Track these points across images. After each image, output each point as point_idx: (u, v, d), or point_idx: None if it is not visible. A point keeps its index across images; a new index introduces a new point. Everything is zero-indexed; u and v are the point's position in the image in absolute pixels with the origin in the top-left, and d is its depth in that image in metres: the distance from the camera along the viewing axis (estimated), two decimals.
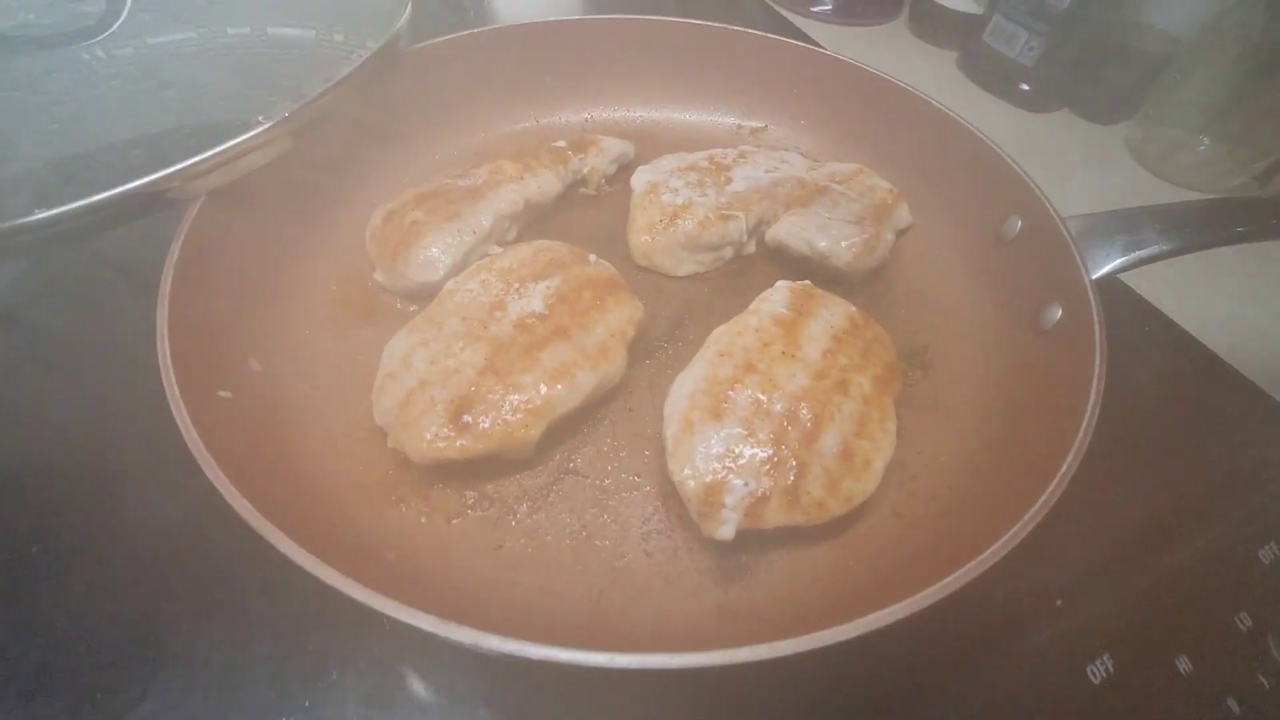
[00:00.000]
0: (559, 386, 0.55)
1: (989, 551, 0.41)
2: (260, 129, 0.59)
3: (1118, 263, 0.59)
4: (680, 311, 0.72)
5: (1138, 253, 0.59)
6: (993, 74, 1.25)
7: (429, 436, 0.52)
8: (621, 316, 0.62)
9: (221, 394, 0.52)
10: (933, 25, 1.36)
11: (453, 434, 0.52)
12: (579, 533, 0.54)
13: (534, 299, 0.61)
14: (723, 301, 0.73)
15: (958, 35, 1.32)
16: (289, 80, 0.69)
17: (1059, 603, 0.57)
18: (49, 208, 0.54)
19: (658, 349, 0.67)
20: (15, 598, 0.53)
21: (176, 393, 0.46)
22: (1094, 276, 0.57)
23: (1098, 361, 0.51)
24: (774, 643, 0.36)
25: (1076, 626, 0.55)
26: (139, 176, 0.55)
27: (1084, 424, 0.47)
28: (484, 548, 0.52)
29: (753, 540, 0.54)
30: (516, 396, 0.54)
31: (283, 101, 0.62)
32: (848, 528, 0.55)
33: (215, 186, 0.60)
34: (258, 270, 0.63)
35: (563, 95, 0.90)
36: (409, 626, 0.38)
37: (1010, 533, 0.41)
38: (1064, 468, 0.45)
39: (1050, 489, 0.43)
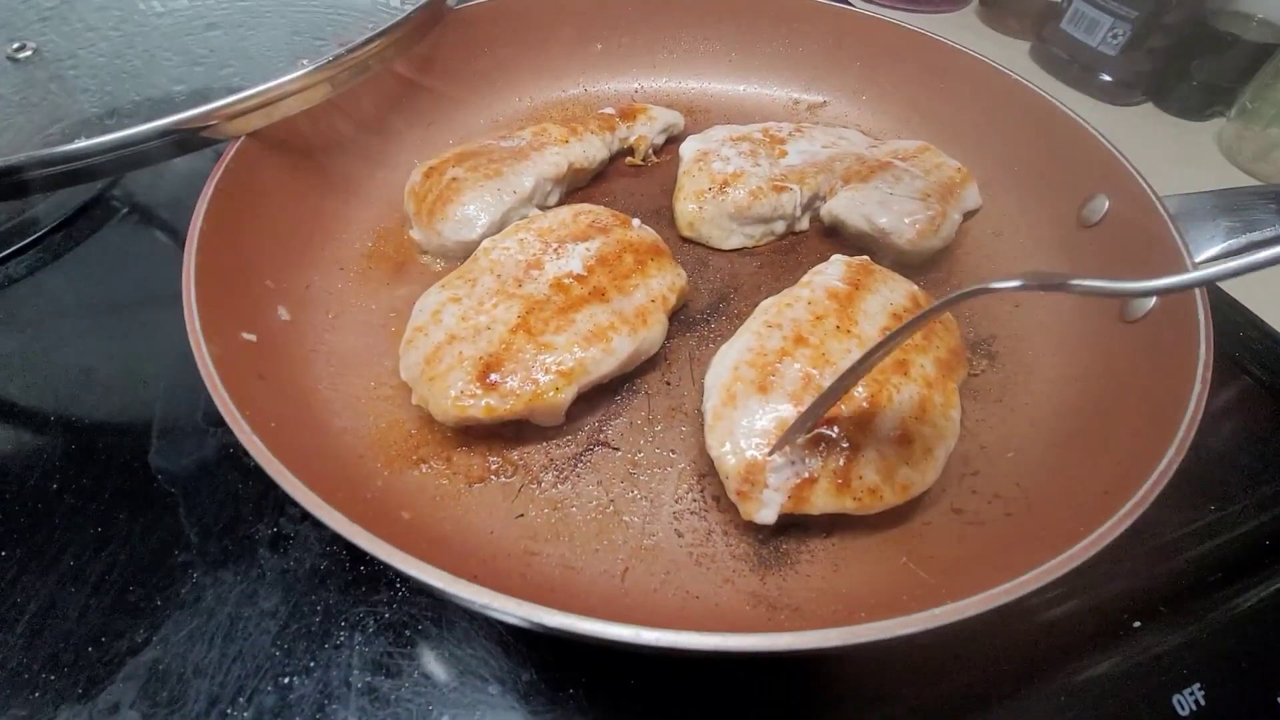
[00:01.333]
0: (593, 350, 0.52)
1: (1074, 550, 0.35)
2: (299, 72, 0.58)
3: (1223, 246, 0.53)
4: (725, 286, 0.67)
5: (1249, 235, 0.52)
6: (1070, 64, 1.17)
7: (454, 393, 0.49)
8: (664, 282, 0.58)
9: (246, 336, 0.50)
10: (1005, 12, 1.29)
11: (479, 392, 0.49)
12: (606, 506, 0.50)
13: (572, 260, 0.57)
14: (771, 278, 0.68)
15: (1032, 23, 1.25)
16: (342, 33, 0.68)
17: (1137, 625, 0.51)
18: (88, 138, 0.53)
19: (700, 323, 0.63)
20: (30, 532, 0.52)
21: (198, 327, 0.44)
22: (1198, 260, 0.51)
23: (1203, 351, 0.45)
24: (821, 630, 0.32)
25: (1160, 652, 0.49)
26: (178, 112, 0.54)
27: (1185, 422, 0.41)
28: (505, 515, 0.49)
29: (795, 527, 0.49)
30: (548, 357, 0.51)
31: (329, 51, 0.61)
32: (900, 521, 0.50)
33: (254, 129, 0.58)
34: (292, 218, 0.62)
35: (613, 64, 0.86)
36: (420, 587, 0.35)
37: (1095, 534, 0.36)
38: (1162, 466, 0.39)
39: (1143, 490, 0.38)
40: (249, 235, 0.56)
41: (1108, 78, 1.14)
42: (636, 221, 0.62)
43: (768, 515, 0.46)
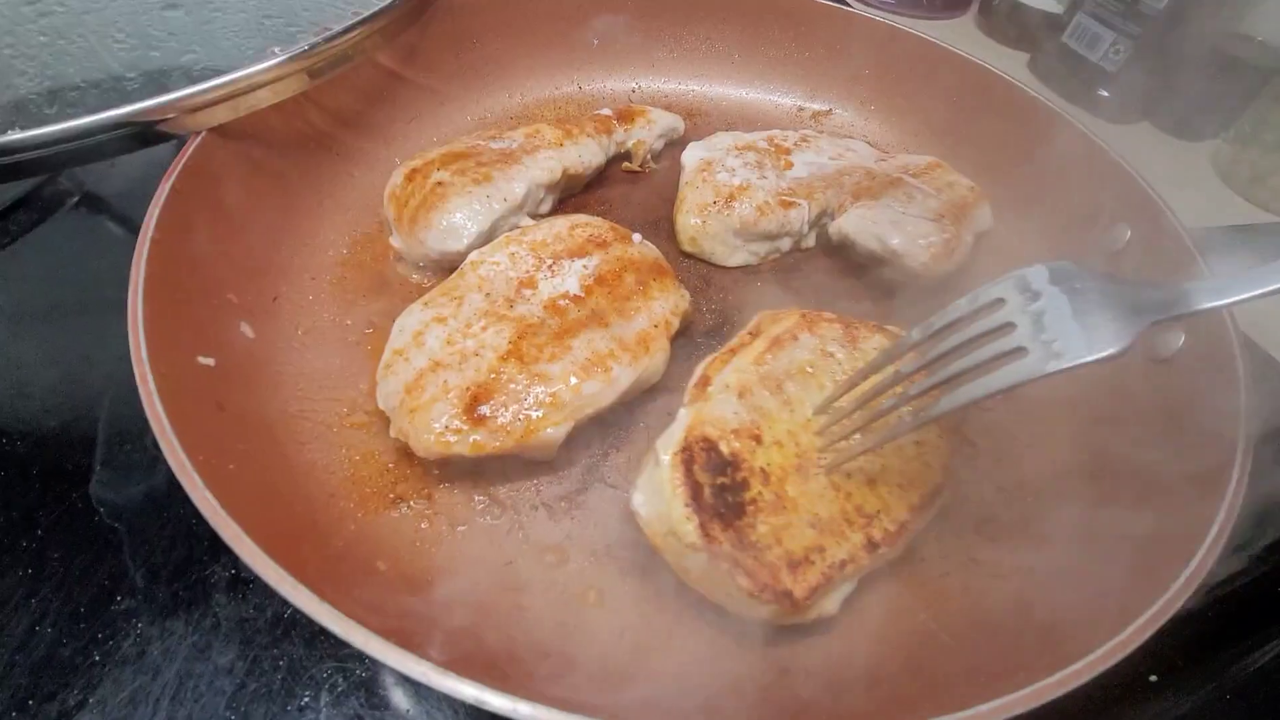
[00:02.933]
0: (592, 381, 0.48)
1: (1129, 632, 0.32)
2: (271, 62, 0.52)
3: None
4: (729, 306, 0.64)
5: None
6: (1069, 79, 1.15)
7: (438, 428, 0.45)
8: (667, 305, 0.54)
9: (202, 360, 0.45)
10: (1005, 23, 1.26)
11: (466, 427, 0.45)
12: (604, 553, 0.46)
13: (569, 278, 0.53)
14: (776, 298, 0.65)
15: (1032, 35, 1.23)
16: (319, 18, 0.62)
17: (1153, 679, 0.49)
18: (25, 129, 0.47)
19: (704, 347, 0.60)
20: None
21: (144, 354, 0.38)
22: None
23: (1243, 396, 0.42)
24: None
25: (1181, 711, 0.46)
26: (131, 103, 0.48)
27: (1232, 485, 0.38)
28: (492, 563, 0.45)
29: None
30: (542, 389, 0.46)
31: (305, 38, 0.55)
32: (913, 567, 0.47)
33: (218, 123, 0.52)
34: (259, 223, 0.56)
35: (610, 61, 0.82)
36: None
37: (1154, 609, 0.33)
38: (1213, 533, 0.36)
39: (1198, 559, 0.35)
40: (209, 243, 0.50)
41: (1106, 94, 1.12)
42: (638, 237, 0.58)
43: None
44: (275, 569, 0.31)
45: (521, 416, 0.45)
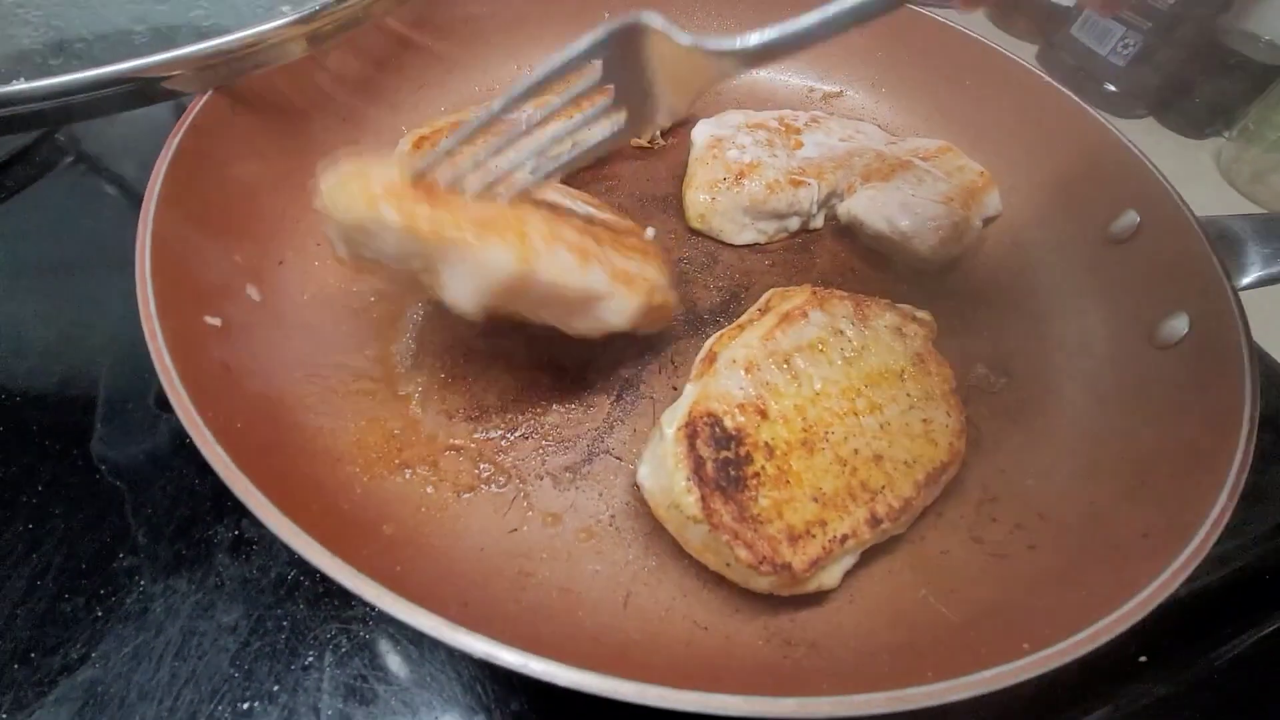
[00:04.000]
0: (566, 251, 0.41)
1: (1129, 606, 0.33)
2: (281, 21, 0.51)
3: (1262, 273, 0.51)
4: (736, 285, 0.63)
5: None
6: (1076, 71, 1.15)
7: (376, 188, 0.38)
8: (660, 281, 0.52)
9: (209, 320, 0.44)
10: (1014, 13, 1.26)
11: (407, 195, 0.38)
12: (608, 523, 0.46)
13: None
14: (782, 278, 0.65)
15: (1041, 26, 1.22)
16: None
17: (1143, 659, 0.50)
18: (28, 80, 0.46)
19: (709, 322, 0.60)
20: None
21: (152, 310, 0.38)
22: (1239, 286, 0.49)
23: (1248, 385, 0.43)
24: (865, 695, 0.29)
25: (1169, 691, 0.47)
26: (138, 57, 0.48)
27: (1237, 458, 0.39)
28: (497, 530, 0.45)
29: None
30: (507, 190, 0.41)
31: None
32: (917, 547, 0.47)
33: (224, 82, 0.52)
34: (266, 187, 0.55)
35: None
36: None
37: (1154, 586, 0.34)
38: (1214, 514, 0.37)
39: (1200, 537, 0.35)
40: (215, 204, 0.49)
41: (1113, 88, 1.12)
42: (651, 231, 0.57)
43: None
44: (289, 524, 0.31)
45: (480, 199, 0.39)
